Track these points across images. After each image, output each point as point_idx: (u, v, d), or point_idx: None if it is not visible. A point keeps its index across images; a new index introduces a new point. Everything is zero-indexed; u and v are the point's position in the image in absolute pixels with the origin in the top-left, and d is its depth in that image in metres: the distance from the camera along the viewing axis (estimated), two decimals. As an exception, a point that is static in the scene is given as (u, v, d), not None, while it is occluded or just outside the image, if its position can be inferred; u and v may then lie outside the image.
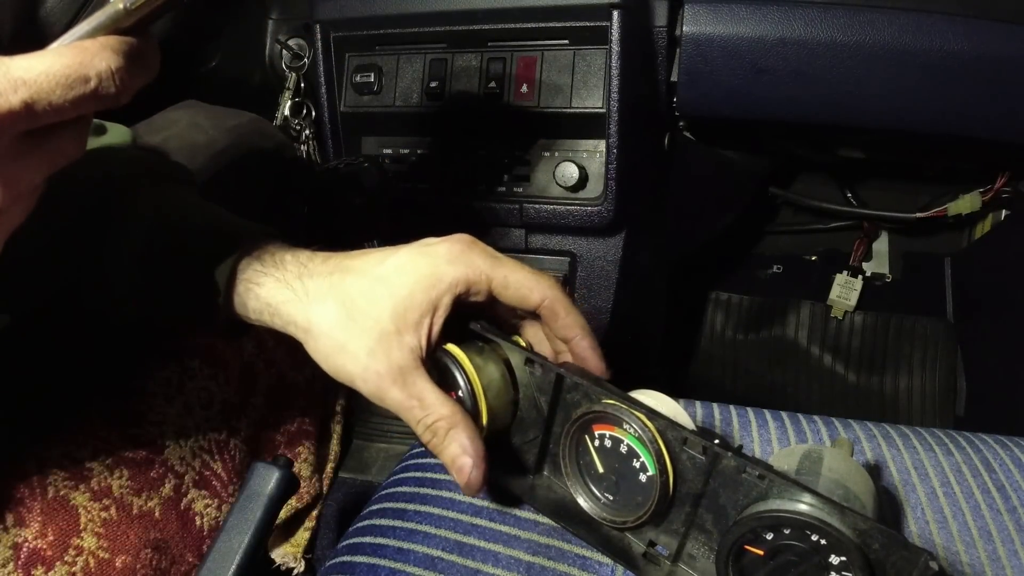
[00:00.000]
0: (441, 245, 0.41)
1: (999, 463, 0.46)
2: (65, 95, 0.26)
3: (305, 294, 0.40)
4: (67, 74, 0.26)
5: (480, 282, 0.40)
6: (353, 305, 0.39)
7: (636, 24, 0.66)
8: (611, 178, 0.68)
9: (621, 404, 0.38)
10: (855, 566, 0.31)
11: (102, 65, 0.26)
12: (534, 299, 0.41)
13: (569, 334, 0.42)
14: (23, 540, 0.41)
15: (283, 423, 0.64)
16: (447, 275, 0.40)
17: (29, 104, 0.25)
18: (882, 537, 0.31)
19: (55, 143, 0.28)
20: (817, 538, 0.32)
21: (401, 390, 0.38)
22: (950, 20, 0.59)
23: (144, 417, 0.50)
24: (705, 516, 0.37)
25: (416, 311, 0.39)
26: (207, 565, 0.39)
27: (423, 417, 0.38)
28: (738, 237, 1.26)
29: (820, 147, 0.99)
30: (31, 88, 0.25)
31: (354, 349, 0.38)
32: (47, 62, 0.25)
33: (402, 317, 0.39)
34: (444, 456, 0.39)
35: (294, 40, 0.85)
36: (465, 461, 0.38)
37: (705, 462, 0.35)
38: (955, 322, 1.16)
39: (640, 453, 0.38)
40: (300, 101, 0.86)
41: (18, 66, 0.25)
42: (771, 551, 0.34)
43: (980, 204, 0.99)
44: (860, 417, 0.51)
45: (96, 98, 0.27)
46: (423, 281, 0.39)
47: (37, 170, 0.28)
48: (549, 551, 0.41)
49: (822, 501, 0.32)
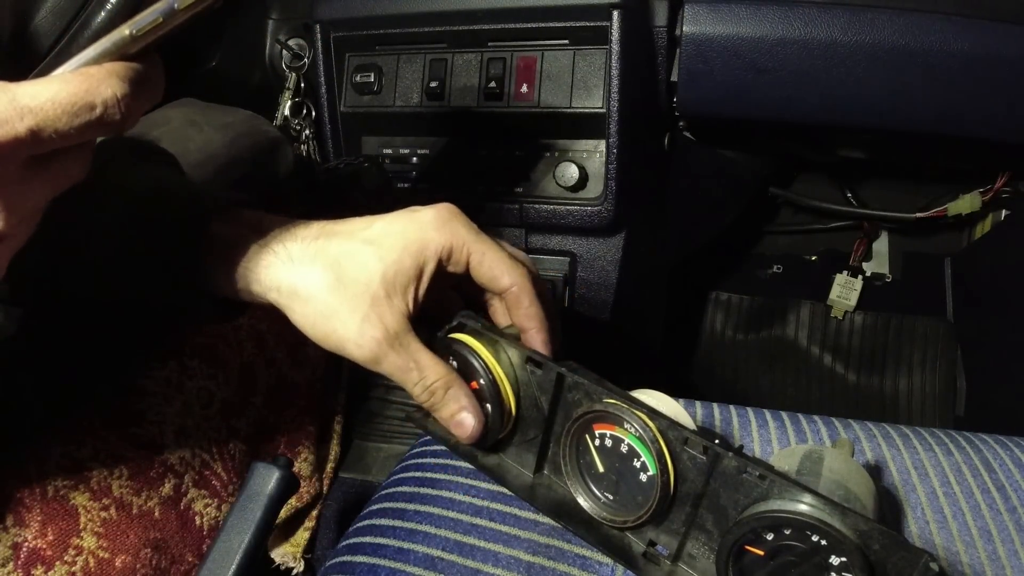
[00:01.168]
0: (427, 211, 0.41)
1: (999, 463, 0.46)
2: (71, 123, 0.26)
3: (288, 258, 0.39)
4: (73, 102, 0.26)
5: (461, 252, 0.41)
6: (341, 269, 0.38)
7: (636, 24, 0.66)
8: (611, 178, 0.68)
9: (622, 404, 0.38)
10: (855, 567, 0.31)
11: (108, 92, 0.27)
12: (504, 282, 0.42)
13: (526, 324, 0.43)
14: (23, 540, 0.41)
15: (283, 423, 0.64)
16: (433, 241, 0.40)
17: (35, 132, 0.25)
18: (882, 538, 0.31)
19: (60, 167, 0.28)
20: (817, 539, 0.32)
21: (398, 355, 0.38)
22: (950, 20, 0.59)
23: (143, 417, 0.50)
24: (706, 516, 0.37)
25: (404, 275, 0.39)
26: (207, 565, 0.39)
27: (420, 379, 0.39)
28: (738, 237, 1.26)
29: (820, 147, 0.99)
30: (37, 116, 0.25)
31: (346, 314, 0.38)
32: (53, 90, 0.26)
33: (391, 282, 0.39)
34: (443, 412, 0.40)
35: (294, 40, 0.85)
36: (464, 416, 0.40)
37: (706, 462, 0.35)
38: (955, 322, 1.16)
39: (641, 453, 0.37)
40: (300, 101, 0.86)
41: (24, 93, 0.25)
42: (771, 551, 0.34)
43: (980, 204, 0.99)
44: (860, 417, 0.51)
45: (101, 125, 0.27)
46: (411, 246, 0.39)
47: (41, 194, 0.28)
48: (549, 551, 0.41)
49: (823, 502, 0.32)
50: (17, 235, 0.29)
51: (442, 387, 0.40)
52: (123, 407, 0.50)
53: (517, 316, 0.43)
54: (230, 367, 0.57)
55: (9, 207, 0.27)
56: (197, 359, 0.54)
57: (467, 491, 0.45)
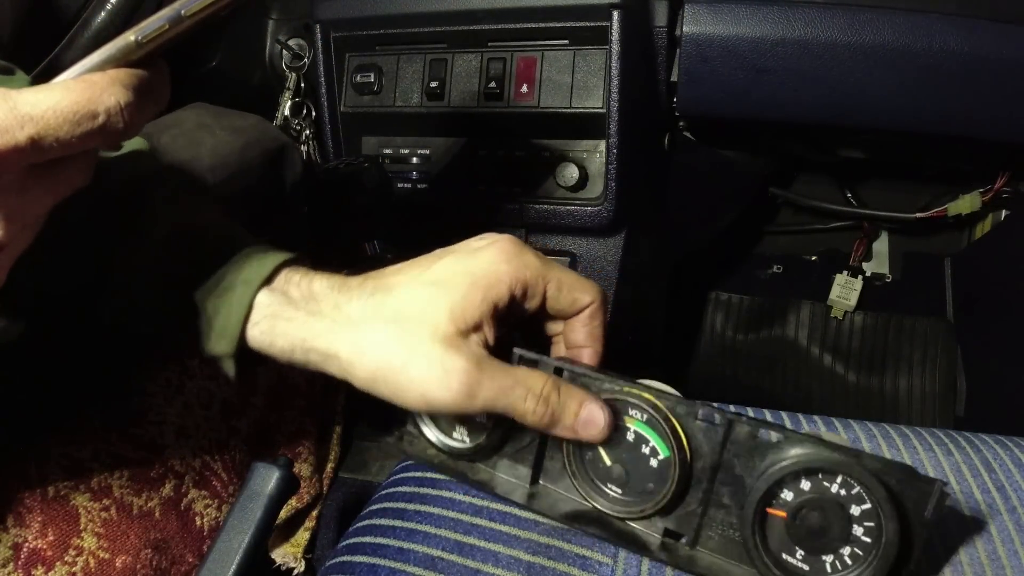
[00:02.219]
0: (493, 245, 0.38)
1: (999, 463, 0.46)
2: (72, 131, 0.25)
3: (347, 320, 0.35)
4: (75, 110, 0.25)
5: (537, 284, 0.38)
6: (405, 318, 0.35)
7: (636, 24, 0.66)
8: (611, 178, 0.68)
9: (628, 388, 0.37)
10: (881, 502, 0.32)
11: (111, 101, 0.26)
12: (586, 301, 0.39)
13: (590, 342, 0.41)
14: (23, 540, 0.41)
15: (283, 423, 0.64)
16: (505, 274, 0.36)
17: (35, 140, 0.25)
18: (898, 472, 0.32)
19: (61, 174, 0.28)
20: (838, 489, 0.33)
21: (493, 378, 0.34)
22: (950, 20, 0.59)
23: (144, 417, 0.50)
24: (721, 490, 0.37)
25: (476, 311, 0.35)
26: (207, 565, 0.39)
27: (529, 391, 0.35)
28: (738, 237, 1.26)
29: (820, 147, 0.99)
30: (38, 124, 0.25)
31: (420, 359, 0.34)
32: (55, 97, 0.25)
33: (461, 319, 0.35)
34: (567, 416, 0.36)
35: (294, 40, 0.85)
36: (591, 408, 0.36)
37: (720, 432, 0.36)
38: (955, 322, 1.16)
39: (649, 438, 0.37)
40: (300, 101, 0.86)
41: (25, 101, 0.25)
42: (792, 511, 0.34)
43: (980, 204, 0.99)
44: (860, 417, 0.51)
45: (104, 133, 0.26)
46: (481, 281, 0.36)
47: (42, 202, 0.28)
48: (549, 551, 0.41)
49: (839, 448, 0.33)
50: (18, 243, 0.29)
51: (553, 387, 0.36)
52: (123, 408, 0.50)
53: (583, 335, 0.40)
54: (230, 367, 0.57)
55: (9, 216, 0.27)
56: (197, 360, 0.54)
57: (467, 491, 0.45)
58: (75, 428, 0.47)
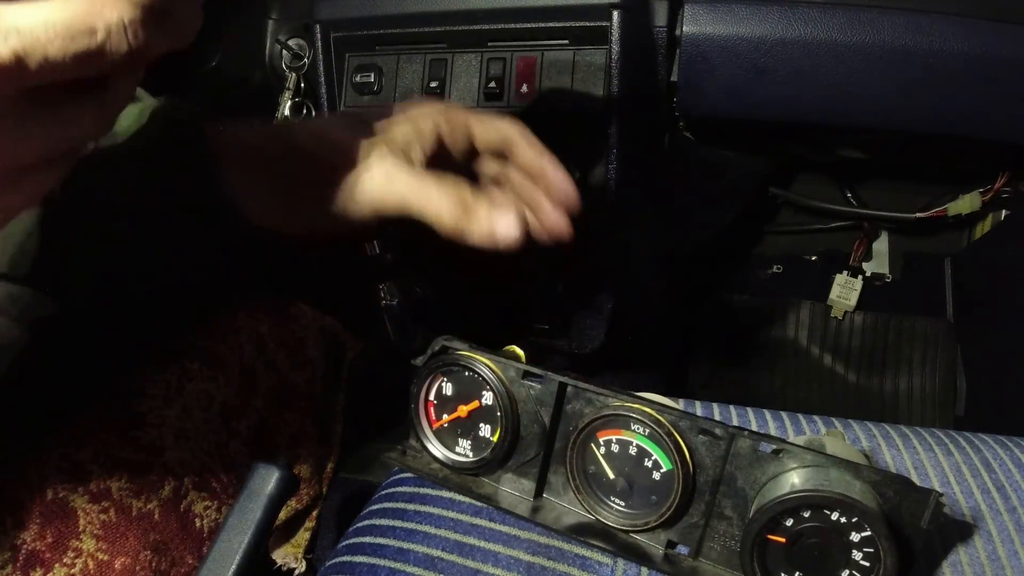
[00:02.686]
0: (421, 108, 0.45)
1: (999, 463, 0.46)
2: (65, 48, 0.21)
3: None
4: (70, 23, 0.21)
5: (458, 119, 0.45)
6: (351, 127, 0.43)
7: (636, 24, 0.65)
8: (611, 178, 0.68)
9: (630, 403, 0.38)
10: (881, 538, 0.32)
11: (113, 16, 0.21)
12: (509, 128, 0.46)
13: (541, 162, 0.46)
14: (21, 542, 0.41)
15: (283, 424, 0.64)
16: (429, 109, 0.44)
17: (20, 56, 0.21)
18: (894, 483, 0.33)
19: (67, 112, 0.24)
20: (837, 516, 0.33)
21: (411, 174, 0.40)
22: (950, 20, 0.59)
23: (143, 419, 0.50)
24: (724, 503, 0.37)
25: (406, 136, 0.43)
26: (207, 566, 0.39)
27: (442, 187, 0.40)
28: (738, 237, 1.26)
29: (820, 147, 0.99)
30: (24, 37, 0.21)
31: (363, 145, 0.41)
32: (48, 8, 0.21)
33: (402, 140, 0.42)
34: (482, 211, 0.40)
35: (294, 40, 0.85)
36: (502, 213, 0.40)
37: (723, 446, 0.36)
38: (955, 322, 1.16)
39: (652, 452, 0.38)
40: (300, 101, 0.86)
41: (13, 12, 0.21)
42: (792, 538, 0.34)
43: (980, 204, 0.99)
44: (860, 417, 0.51)
45: (103, 55, 0.22)
46: (413, 116, 0.44)
47: (43, 140, 0.24)
48: (549, 551, 0.41)
49: (840, 463, 0.34)
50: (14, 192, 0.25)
51: (465, 189, 0.40)
52: (123, 409, 0.50)
53: (528, 158, 0.46)
54: (230, 369, 0.57)
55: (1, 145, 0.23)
56: (197, 361, 0.54)
57: (467, 492, 0.45)
58: (75, 430, 0.46)
